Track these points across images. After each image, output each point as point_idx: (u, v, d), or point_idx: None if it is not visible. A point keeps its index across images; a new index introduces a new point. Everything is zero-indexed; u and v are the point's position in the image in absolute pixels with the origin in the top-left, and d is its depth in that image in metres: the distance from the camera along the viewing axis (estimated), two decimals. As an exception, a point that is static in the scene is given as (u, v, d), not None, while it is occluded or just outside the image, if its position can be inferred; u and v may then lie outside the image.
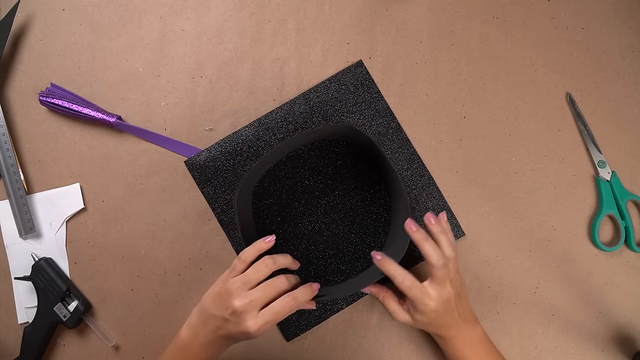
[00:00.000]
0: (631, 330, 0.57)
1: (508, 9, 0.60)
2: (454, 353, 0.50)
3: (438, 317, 0.48)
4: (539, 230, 0.59)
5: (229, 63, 0.59)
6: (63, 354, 0.57)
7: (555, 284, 0.58)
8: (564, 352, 0.57)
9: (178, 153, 0.58)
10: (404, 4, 0.60)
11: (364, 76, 0.59)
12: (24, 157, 0.58)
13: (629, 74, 0.60)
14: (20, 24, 0.59)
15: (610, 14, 0.60)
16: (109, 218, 0.58)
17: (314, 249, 0.57)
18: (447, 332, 0.50)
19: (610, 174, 0.58)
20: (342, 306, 0.57)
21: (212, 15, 0.60)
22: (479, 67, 0.60)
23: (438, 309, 0.48)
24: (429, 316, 0.48)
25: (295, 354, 0.57)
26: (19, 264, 0.57)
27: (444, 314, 0.48)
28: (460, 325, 0.50)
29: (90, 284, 0.58)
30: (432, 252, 0.47)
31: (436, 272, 0.47)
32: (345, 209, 0.58)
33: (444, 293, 0.48)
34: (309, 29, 0.60)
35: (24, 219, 0.57)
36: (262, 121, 0.58)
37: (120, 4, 0.60)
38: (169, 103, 0.59)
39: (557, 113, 0.60)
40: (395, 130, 0.59)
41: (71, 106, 0.56)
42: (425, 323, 0.49)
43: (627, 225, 0.58)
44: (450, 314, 0.49)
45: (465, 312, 0.50)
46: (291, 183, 0.58)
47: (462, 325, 0.50)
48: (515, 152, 0.59)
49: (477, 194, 0.59)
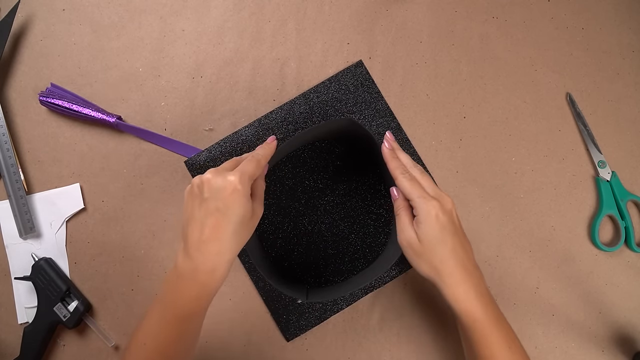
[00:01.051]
0: (631, 330, 0.57)
1: (508, 9, 0.60)
2: (466, 307, 0.44)
3: (444, 235, 0.44)
4: (539, 230, 0.59)
5: (229, 63, 0.59)
6: (63, 354, 0.57)
7: (555, 284, 0.58)
8: (564, 352, 0.57)
9: (178, 153, 0.58)
10: (404, 4, 0.60)
11: (364, 76, 0.59)
12: (24, 157, 0.58)
13: (629, 74, 0.60)
14: (20, 24, 0.59)
15: (610, 14, 0.60)
16: (109, 218, 0.58)
17: (314, 249, 0.57)
18: (451, 267, 0.44)
19: (610, 174, 0.58)
20: (342, 306, 0.57)
21: (212, 15, 0.60)
22: (479, 67, 0.60)
23: (440, 220, 0.44)
24: (433, 228, 0.44)
25: (295, 354, 0.57)
26: (19, 264, 0.57)
27: (444, 235, 0.44)
28: (468, 264, 0.45)
29: (90, 284, 0.58)
30: (396, 167, 0.47)
31: (404, 183, 0.46)
32: (345, 209, 0.58)
33: (433, 205, 0.44)
34: (309, 29, 0.60)
35: (24, 219, 0.57)
36: (262, 121, 0.58)
37: (120, 4, 0.60)
38: (169, 103, 0.59)
39: (557, 113, 0.60)
40: (395, 130, 0.59)
41: (71, 106, 0.56)
42: (428, 243, 0.44)
43: (627, 225, 0.58)
44: (454, 237, 0.45)
45: (470, 251, 0.47)
46: (291, 183, 0.58)
47: (470, 266, 0.45)
48: (515, 152, 0.59)
49: (477, 194, 0.59)
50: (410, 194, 0.46)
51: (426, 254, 0.45)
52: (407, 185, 0.46)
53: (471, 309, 0.44)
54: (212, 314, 0.57)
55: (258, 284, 0.57)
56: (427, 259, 0.45)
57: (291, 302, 0.57)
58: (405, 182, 0.46)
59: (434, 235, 0.45)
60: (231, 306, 0.57)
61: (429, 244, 0.45)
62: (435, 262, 0.45)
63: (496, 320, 0.45)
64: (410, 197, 0.46)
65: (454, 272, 0.45)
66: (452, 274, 0.45)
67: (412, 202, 0.46)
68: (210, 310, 0.57)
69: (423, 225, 0.45)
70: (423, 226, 0.45)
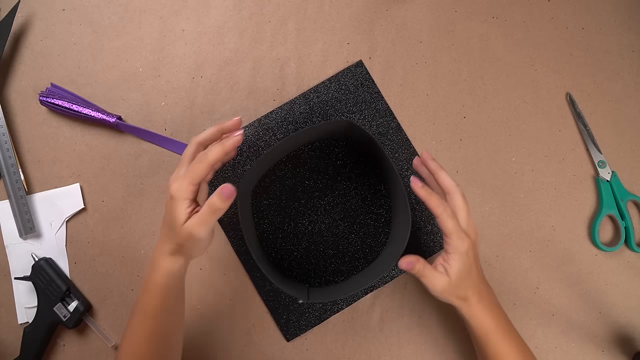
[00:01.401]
0: (631, 330, 0.57)
1: (508, 9, 0.60)
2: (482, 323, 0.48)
3: (470, 267, 0.47)
4: (539, 230, 0.59)
5: (229, 63, 0.59)
6: (63, 354, 0.57)
7: (555, 284, 0.58)
8: (564, 352, 0.57)
9: (178, 153, 0.58)
10: (404, 4, 0.60)
11: (364, 76, 0.59)
12: (24, 157, 0.58)
13: (629, 74, 0.60)
14: (20, 24, 0.59)
15: (610, 14, 0.60)
16: (109, 218, 0.58)
17: (314, 249, 0.57)
18: (473, 293, 0.48)
19: (610, 174, 0.58)
20: (342, 306, 0.57)
21: (212, 15, 0.60)
22: (479, 67, 0.60)
23: (469, 255, 0.46)
24: (463, 263, 0.46)
25: (295, 354, 0.57)
26: (19, 264, 0.57)
27: (470, 267, 0.47)
28: (482, 284, 0.48)
29: (90, 284, 0.58)
30: (437, 205, 0.46)
31: (447, 224, 0.46)
32: (345, 209, 0.58)
33: (466, 242, 0.46)
34: (309, 29, 0.60)
35: (24, 219, 0.57)
36: (262, 121, 0.58)
37: (120, 4, 0.60)
38: (169, 103, 0.59)
39: (557, 113, 0.60)
40: (395, 130, 0.59)
41: (71, 106, 0.56)
42: (458, 278, 0.46)
43: (627, 225, 0.58)
44: (474, 266, 0.47)
45: (480, 268, 0.49)
46: (291, 183, 0.58)
47: (484, 284, 0.49)
48: (515, 152, 0.59)
49: (477, 194, 0.59)
50: (453, 235, 0.46)
51: (453, 288, 0.47)
52: (449, 225, 0.46)
53: (485, 323, 0.48)
54: (212, 314, 0.57)
55: (258, 283, 0.57)
56: (454, 292, 0.48)
57: (291, 302, 0.57)
58: (449, 222, 0.46)
59: (463, 269, 0.47)
60: (231, 306, 0.57)
61: (458, 279, 0.47)
62: (461, 292, 0.48)
63: (505, 333, 0.49)
64: (448, 235, 0.46)
65: (474, 296, 0.48)
66: (472, 297, 0.48)
67: (447, 238, 0.47)
68: (210, 310, 0.58)
69: (455, 262, 0.46)
70: (455, 263, 0.46)
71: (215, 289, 0.58)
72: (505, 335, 0.48)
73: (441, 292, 0.47)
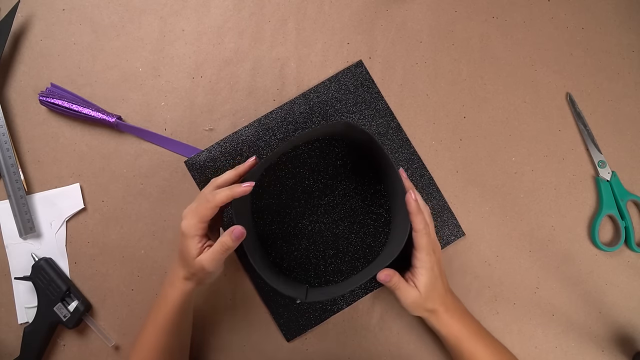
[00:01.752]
0: (631, 330, 0.57)
1: (508, 9, 0.60)
2: (452, 331, 0.51)
3: (435, 281, 0.50)
4: (539, 230, 0.59)
5: (229, 63, 0.59)
6: (63, 354, 0.57)
7: (555, 284, 0.58)
8: (564, 352, 0.57)
9: (178, 153, 0.58)
10: (404, 4, 0.60)
11: (364, 76, 0.59)
12: (24, 157, 0.58)
13: (629, 74, 0.60)
14: (20, 24, 0.59)
15: (610, 14, 0.60)
16: (109, 218, 0.58)
17: (314, 249, 0.57)
18: (439, 304, 0.51)
19: (610, 174, 0.58)
20: (342, 306, 0.57)
21: (212, 15, 0.60)
22: (479, 67, 0.60)
23: (434, 270, 0.50)
24: (429, 277, 0.49)
25: (295, 354, 0.57)
26: (19, 264, 0.57)
27: (436, 280, 0.50)
28: (447, 295, 0.52)
29: (90, 284, 0.58)
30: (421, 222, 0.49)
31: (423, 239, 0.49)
32: (345, 209, 0.58)
33: (433, 258, 0.50)
34: (309, 29, 0.60)
35: (24, 219, 0.57)
36: (262, 121, 0.58)
37: (120, 4, 0.60)
38: (169, 103, 0.59)
39: (557, 113, 0.60)
40: (395, 130, 0.59)
41: (71, 106, 0.56)
42: (426, 291, 0.50)
43: (627, 225, 0.58)
44: (439, 280, 0.51)
45: (445, 281, 0.52)
46: (291, 183, 0.58)
47: (449, 295, 0.52)
48: (515, 152, 0.59)
49: (477, 194, 0.59)
50: (423, 250, 0.49)
51: (423, 300, 0.50)
52: (424, 242, 0.49)
53: (454, 330, 0.51)
54: (212, 314, 0.57)
55: (258, 284, 0.57)
56: (423, 304, 0.51)
57: (291, 301, 0.57)
58: (424, 240, 0.49)
59: (429, 283, 0.50)
60: (231, 306, 0.57)
61: (425, 292, 0.50)
62: (428, 305, 0.51)
63: (477, 335, 0.52)
64: (419, 250, 0.50)
65: (440, 307, 0.51)
66: (439, 308, 0.51)
67: (419, 253, 0.50)
68: (210, 310, 0.58)
69: (422, 277, 0.50)
70: (422, 278, 0.50)
71: (215, 289, 0.58)
72: (477, 338, 0.51)
73: (412, 303, 0.50)
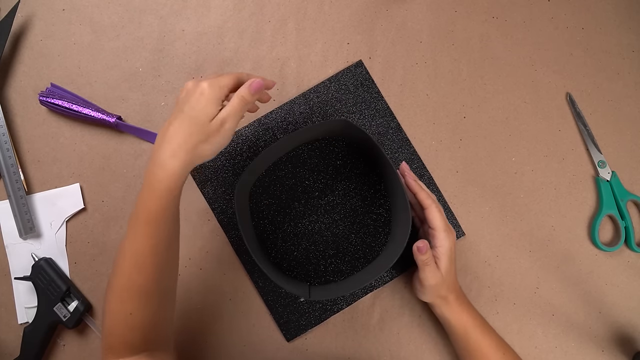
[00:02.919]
0: (631, 330, 0.57)
1: (508, 9, 0.60)
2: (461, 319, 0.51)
3: (451, 266, 0.49)
4: (539, 230, 0.59)
5: (229, 63, 0.59)
6: (63, 354, 0.57)
7: (555, 284, 0.58)
8: (564, 352, 0.57)
9: (178, 153, 0.58)
10: (404, 4, 0.60)
11: (364, 76, 0.59)
12: (24, 157, 0.58)
13: (629, 74, 0.60)
14: (20, 24, 0.59)
15: (610, 14, 0.60)
16: (109, 218, 0.58)
17: (314, 249, 0.57)
18: (452, 291, 0.51)
19: (610, 174, 0.58)
20: (342, 306, 0.57)
21: (212, 15, 0.60)
22: (479, 67, 0.60)
23: (452, 253, 0.49)
24: (449, 259, 0.49)
25: (295, 354, 0.57)
26: (19, 264, 0.57)
27: (452, 266, 0.50)
28: (457, 283, 0.52)
29: (90, 284, 0.58)
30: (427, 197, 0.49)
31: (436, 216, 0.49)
32: (345, 209, 0.58)
33: (451, 237, 0.50)
34: (309, 29, 0.60)
35: (24, 219, 0.57)
36: (262, 121, 0.58)
37: (120, 4, 0.60)
38: (169, 103, 0.59)
39: (557, 113, 0.60)
40: (395, 130, 0.59)
41: (71, 106, 0.56)
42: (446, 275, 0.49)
43: (627, 225, 0.58)
44: (453, 266, 0.50)
45: (455, 273, 0.52)
46: (291, 183, 0.58)
47: (457, 283, 0.52)
48: (515, 152, 0.59)
49: (477, 194, 0.59)
50: (439, 226, 0.49)
51: (441, 285, 0.50)
52: (438, 216, 0.49)
53: (464, 320, 0.51)
54: (212, 314, 0.57)
55: (258, 284, 0.57)
56: (440, 289, 0.51)
57: (291, 301, 0.57)
58: (437, 213, 0.49)
59: (448, 268, 0.50)
60: (231, 306, 0.57)
61: (445, 276, 0.50)
62: (442, 291, 0.51)
63: (483, 328, 0.52)
64: (436, 228, 0.49)
65: (451, 294, 0.51)
66: (450, 296, 0.51)
67: (436, 232, 0.49)
68: (210, 310, 0.58)
69: (444, 258, 0.49)
70: (444, 258, 0.49)
71: (215, 289, 0.58)
72: (483, 330, 0.52)
73: (434, 286, 0.50)
